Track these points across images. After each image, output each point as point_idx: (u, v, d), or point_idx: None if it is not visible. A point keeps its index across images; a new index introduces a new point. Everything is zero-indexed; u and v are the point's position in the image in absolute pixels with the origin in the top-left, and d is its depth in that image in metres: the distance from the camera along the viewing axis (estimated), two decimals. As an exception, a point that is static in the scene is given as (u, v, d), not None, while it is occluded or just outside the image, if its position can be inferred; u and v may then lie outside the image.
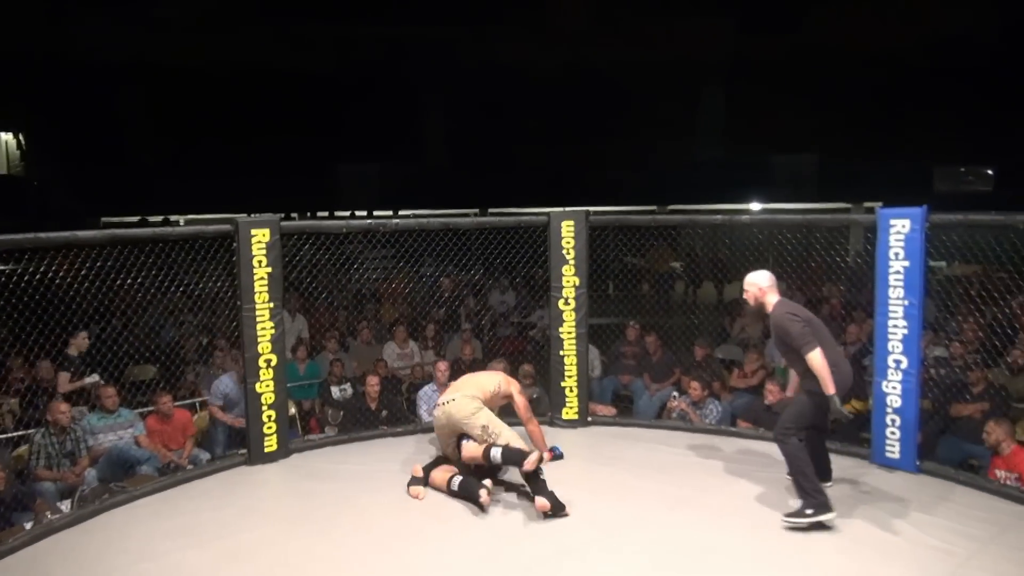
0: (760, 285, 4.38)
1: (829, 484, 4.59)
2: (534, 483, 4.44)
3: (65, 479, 5.26)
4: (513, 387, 5.22)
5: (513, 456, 4.45)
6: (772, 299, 4.36)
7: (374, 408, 6.42)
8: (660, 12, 17.01)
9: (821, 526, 4.11)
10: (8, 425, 5.70)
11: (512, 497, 4.64)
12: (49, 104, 16.09)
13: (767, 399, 5.89)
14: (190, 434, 6.06)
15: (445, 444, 4.88)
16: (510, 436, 4.67)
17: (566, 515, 4.35)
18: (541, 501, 4.32)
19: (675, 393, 6.78)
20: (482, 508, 4.42)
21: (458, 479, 4.61)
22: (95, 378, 6.25)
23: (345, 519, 4.38)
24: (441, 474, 4.73)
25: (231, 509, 4.55)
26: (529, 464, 4.33)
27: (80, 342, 6.31)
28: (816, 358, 4.10)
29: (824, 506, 4.13)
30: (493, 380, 5.12)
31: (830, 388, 4.10)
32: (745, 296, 4.46)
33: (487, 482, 4.48)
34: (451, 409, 4.76)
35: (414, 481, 4.75)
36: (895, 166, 15.07)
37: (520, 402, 5.22)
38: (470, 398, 4.80)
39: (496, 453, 4.49)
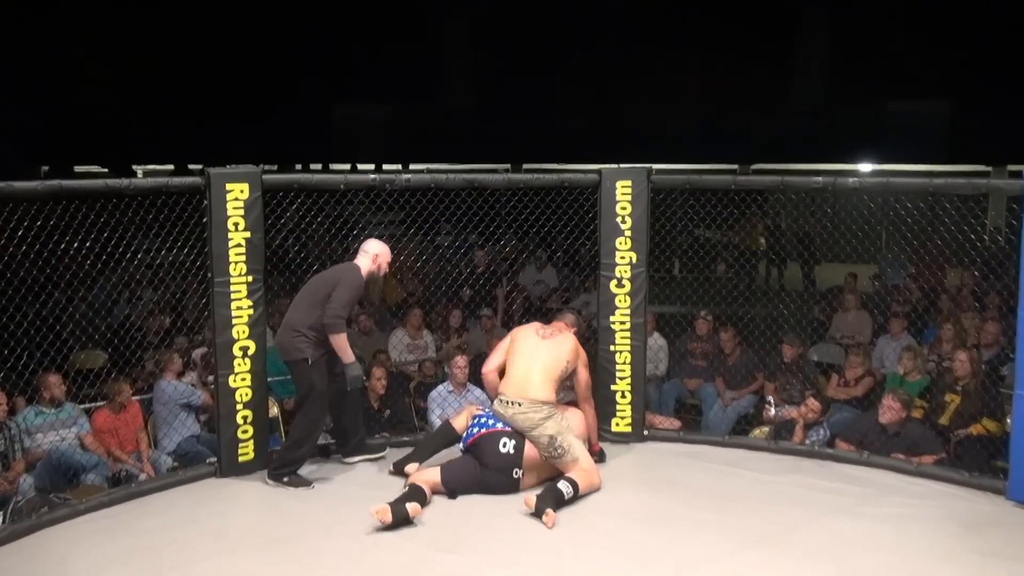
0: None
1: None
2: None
3: (-5, 487, 5.38)
4: (580, 360, 5.42)
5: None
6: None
7: (376, 408, 6.47)
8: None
9: None
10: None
11: (534, 528, 4.65)
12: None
13: (882, 416, 5.79)
14: (138, 426, 6.16)
15: None
16: (579, 451, 5.12)
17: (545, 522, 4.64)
18: (528, 497, 4.78)
19: (770, 399, 6.69)
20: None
21: (410, 485, 4.90)
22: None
23: (334, 548, 4.43)
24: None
25: (195, 531, 4.61)
26: None
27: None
28: None
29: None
30: (560, 357, 5.27)
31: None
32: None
33: (412, 505, 4.67)
34: (516, 417, 5.07)
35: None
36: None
37: (583, 378, 5.43)
38: (538, 405, 5.07)
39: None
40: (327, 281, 5.24)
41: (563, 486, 4.88)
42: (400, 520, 4.56)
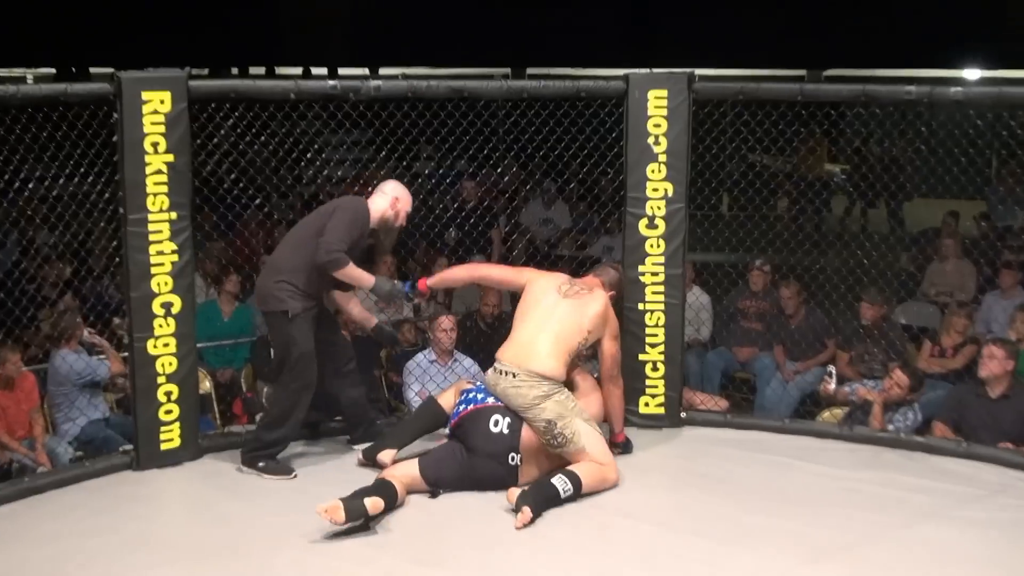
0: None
1: None
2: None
3: None
4: (609, 330, 5.43)
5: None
6: None
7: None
8: None
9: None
10: None
11: (537, 536, 4.68)
12: None
13: (982, 370, 5.78)
14: (32, 405, 6.18)
15: None
16: (588, 439, 5.05)
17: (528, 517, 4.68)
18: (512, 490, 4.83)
19: (831, 370, 6.73)
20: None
21: (377, 480, 4.88)
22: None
23: (285, 561, 4.45)
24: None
25: (106, 538, 4.63)
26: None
27: None
28: None
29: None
30: (581, 324, 5.26)
31: None
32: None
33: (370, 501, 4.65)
34: (508, 391, 5.06)
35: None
36: None
37: (609, 352, 5.45)
38: (537, 379, 5.05)
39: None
40: (322, 213, 5.31)
41: (559, 482, 4.88)
42: (356, 517, 4.53)
